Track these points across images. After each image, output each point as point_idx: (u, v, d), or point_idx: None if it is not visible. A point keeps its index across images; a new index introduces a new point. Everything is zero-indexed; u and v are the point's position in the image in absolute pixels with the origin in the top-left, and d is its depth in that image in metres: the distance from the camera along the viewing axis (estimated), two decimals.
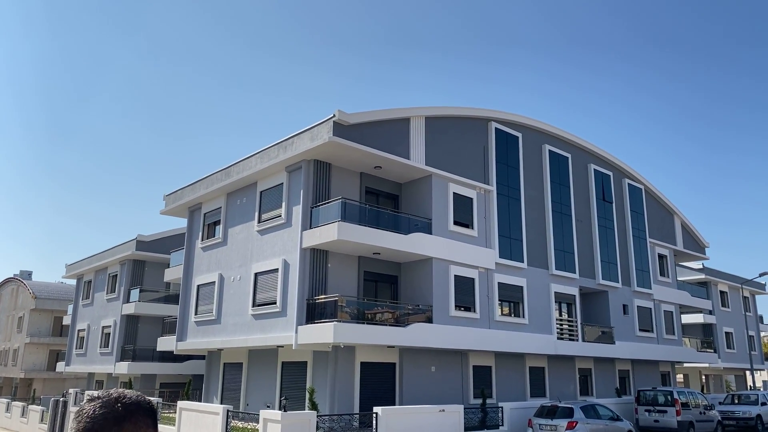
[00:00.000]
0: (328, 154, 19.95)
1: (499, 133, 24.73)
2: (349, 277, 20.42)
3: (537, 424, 18.50)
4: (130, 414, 1.53)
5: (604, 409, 19.81)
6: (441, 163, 21.96)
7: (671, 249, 34.13)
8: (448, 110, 22.90)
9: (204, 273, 24.65)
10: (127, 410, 1.53)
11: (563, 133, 28.11)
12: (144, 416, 1.55)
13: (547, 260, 25.64)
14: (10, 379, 52.98)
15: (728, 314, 44.27)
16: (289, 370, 21.00)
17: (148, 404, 1.59)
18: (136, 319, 33.35)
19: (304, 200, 19.80)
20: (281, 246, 20.45)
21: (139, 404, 1.56)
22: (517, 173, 25.14)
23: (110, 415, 1.50)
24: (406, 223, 20.81)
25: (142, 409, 1.56)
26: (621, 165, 31.54)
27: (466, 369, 22.49)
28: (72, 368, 37.84)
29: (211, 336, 23.18)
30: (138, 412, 1.54)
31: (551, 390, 25.54)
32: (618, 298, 29.14)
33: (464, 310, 21.63)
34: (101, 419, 1.50)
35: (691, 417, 23.14)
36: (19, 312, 53.03)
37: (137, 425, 1.53)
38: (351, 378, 19.26)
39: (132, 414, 1.53)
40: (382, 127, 20.32)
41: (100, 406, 1.52)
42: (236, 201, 23.70)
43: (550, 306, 25.18)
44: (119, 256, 34.13)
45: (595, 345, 26.74)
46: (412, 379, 20.50)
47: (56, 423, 26.45)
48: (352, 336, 17.68)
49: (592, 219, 28.80)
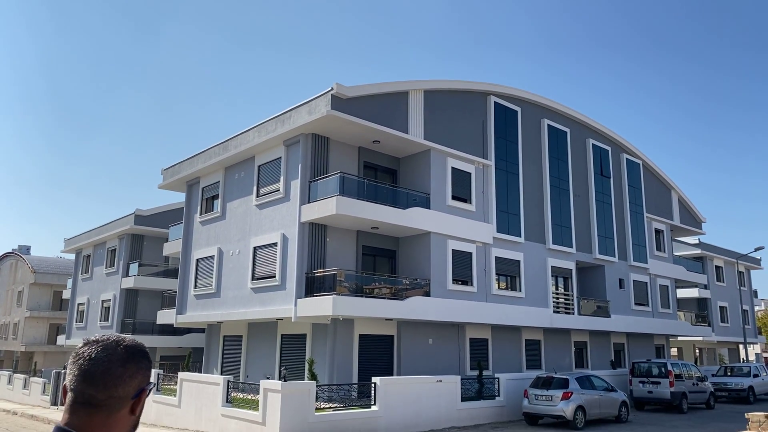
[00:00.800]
0: (326, 128, 19.87)
1: (498, 108, 24.63)
2: (347, 252, 20.53)
3: (533, 395, 18.81)
4: (132, 356, 1.54)
5: (598, 380, 20.12)
6: (439, 138, 21.91)
7: (668, 224, 34.28)
8: (447, 83, 22.76)
9: (203, 247, 24.74)
10: (129, 352, 1.54)
11: (562, 107, 28.00)
12: (143, 359, 1.57)
13: (544, 235, 25.77)
14: (11, 352, 53.43)
15: (723, 288, 44.68)
16: (288, 342, 21.24)
17: (144, 348, 1.62)
18: (135, 292, 33.55)
19: (303, 174, 19.79)
20: (280, 220, 20.50)
21: (138, 347, 1.58)
22: (516, 148, 25.10)
23: (114, 357, 1.51)
24: (404, 198, 20.85)
25: (140, 353, 1.58)
26: (619, 140, 31.49)
27: (463, 341, 22.76)
28: (72, 341, 38.17)
29: (211, 309, 23.37)
30: (138, 355, 1.56)
31: (547, 362, 25.90)
32: (614, 272, 29.36)
33: (461, 283, 21.81)
34: (105, 361, 1.49)
35: (684, 388, 23.54)
36: (19, 286, 53.24)
37: (139, 366, 1.55)
38: (350, 350, 19.50)
39: (134, 356, 1.54)
40: (380, 101, 20.23)
41: (102, 349, 1.52)
42: (234, 175, 23.67)
43: (547, 280, 25.39)
44: (118, 231, 34.18)
45: (590, 318, 27.04)
46: (409, 351, 20.76)
47: (58, 394, 26.81)
48: (350, 309, 17.85)
49: (589, 194, 28.87)
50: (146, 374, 1.57)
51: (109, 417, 1.48)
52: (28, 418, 23.87)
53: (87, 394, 1.47)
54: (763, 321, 67.01)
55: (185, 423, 17.91)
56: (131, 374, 1.51)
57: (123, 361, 1.51)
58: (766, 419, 10.34)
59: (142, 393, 1.53)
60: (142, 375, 1.54)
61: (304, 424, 14.56)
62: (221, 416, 16.43)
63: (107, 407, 1.47)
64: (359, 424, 15.65)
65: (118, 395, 1.48)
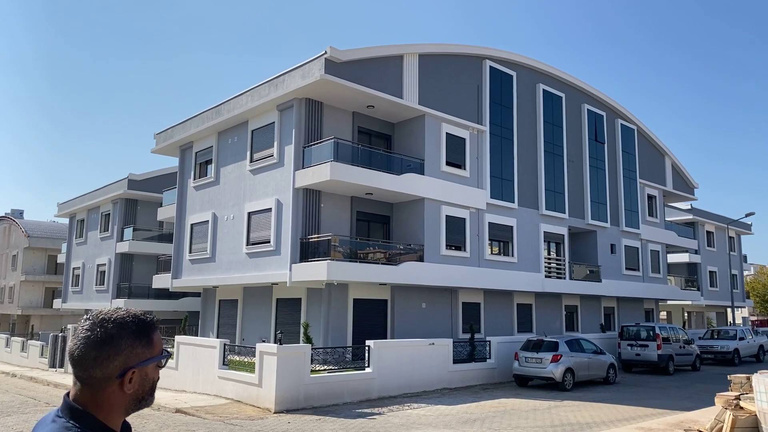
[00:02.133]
0: (319, 93, 19.71)
1: (494, 72, 24.43)
2: (341, 217, 20.62)
3: (523, 357, 19.22)
4: (110, 338, 1.52)
5: (588, 344, 20.55)
6: (434, 103, 21.78)
7: (661, 189, 34.48)
8: (442, 47, 22.50)
9: (197, 212, 24.76)
10: (108, 334, 1.53)
11: (558, 72, 27.78)
12: (128, 338, 1.55)
13: (537, 200, 25.91)
14: (8, 315, 53.82)
15: (713, 254, 45.24)
16: (283, 306, 21.50)
17: (137, 324, 1.58)
18: (130, 257, 33.68)
19: (296, 140, 19.71)
20: (274, 186, 20.51)
21: (124, 326, 1.56)
22: (511, 113, 25.00)
23: (90, 340, 1.52)
24: (398, 164, 20.85)
25: (126, 332, 1.55)
26: (614, 105, 31.38)
27: (456, 305, 23.10)
28: (69, 305, 38.49)
29: (206, 274, 23.55)
30: (120, 336, 1.54)
31: (538, 326, 26.37)
32: (606, 237, 29.66)
33: (455, 249, 22.01)
34: (82, 344, 1.52)
35: (671, 351, 24.08)
36: (13, 250, 53.29)
37: (118, 348, 1.53)
38: (344, 314, 19.79)
39: (112, 338, 1.52)
40: (374, 65, 20.02)
41: (84, 330, 1.54)
42: (228, 140, 23.54)
43: (539, 245, 25.64)
44: (111, 195, 34.10)
45: (582, 283, 27.43)
46: (403, 314, 21.08)
47: (56, 357, 27.17)
48: (345, 274, 18.05)
49: (583, 159, 28.91)
50: (133, 352, 1.54)
51: (96, 393, 1.52)
52: (27, 380, 24.24)
53: (75, 372, 1.53)
54: (751, 285, 68.12)
55: (183, 385, 18.26)
56: (108, 356, 1.51)
57: (99, 344, 1.51)
58: (748, 380, 10.66)
59: (125, 373, 1.52)
60: (125, 355, 1.53)
61: (300, 385, 14.89)
62: (218, 378, 16.76)
63: (90, 385, 1.52)
64: (353, 385, 16.01)
65: (97, 376, 1.51)
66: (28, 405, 16.72)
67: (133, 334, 1.56)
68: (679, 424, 11.45)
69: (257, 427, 12.49)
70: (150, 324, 1.62)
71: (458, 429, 12.29)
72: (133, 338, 1.55)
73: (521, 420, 13.38)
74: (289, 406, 14.58)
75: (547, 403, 15.97)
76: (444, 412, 14.43)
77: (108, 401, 1.53)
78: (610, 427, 12.27)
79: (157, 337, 1.63)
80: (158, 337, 1.63)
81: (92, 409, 1.51)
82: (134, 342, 1.55)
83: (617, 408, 15.12)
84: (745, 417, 9.23)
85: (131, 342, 1.55)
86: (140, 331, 1.57)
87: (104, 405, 1.52)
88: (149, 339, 1.59)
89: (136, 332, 1.56)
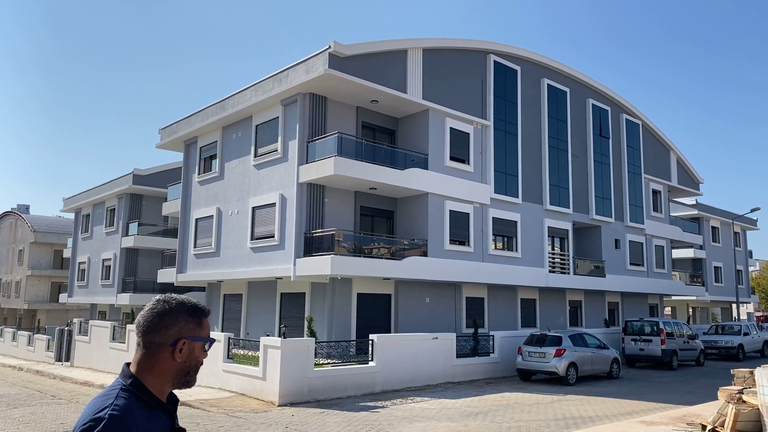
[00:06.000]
0: (323, 88, 19.72)
1: (498, 67, 24.37)
2: (345, 212, 20.65)
3: (526, 352, 19.25)
4: (171, 310, 1.85)
5: (591, 338, 20.55)
6: (438, 98, 21.76)
7: (665, 185, 34.37)
8: (447, 42, 22.47)
9: (202, 207, 24.85)
10: (170, 307, 1.85)
11: (563, 66, 27.70)
12: (184, 313, 1.86)
13: (541, 195, 25.88)
14: (14, 310, 54.17)
15: (718, 249, 45.09)
16: (288, 300, 21.59)
17: (192, 305, 1.90)
18: (135, 252, 33.83)
19: (300, 134, 19.74)
20: (278, 180, 20.55)
21: (183, 304, 1.88)
22: (515, 108, 24.96)
23: (155, 310, 1.85)
24: (402, 158, 20.86)
25: (183, 309, 1.87)
26: (619, 100, 31.27)
27: (460, 300, 23.13)
28: (74, 299, 38.71)
29: (211, 268, 23.65)
30: (178, 310, 1.85)
31: (542, 321, 26.37)
32: (610, 232, 29.61)
33: (459, 244, 22.03)
34: (148, 313, 1.85)
35: (675, 346, 24.06)
36: (19, 245, 53.59)
37: (176, 319, 1.84)
38: (348, 308, 19.86)
39: (172, 311, 1.85)
40: (378, 60, 20.01)
41: (153, 304, 1.87)
42: (232, 135, 23.59)
43: (543, 240, 25.63)
44: (116, 190, 34.23)
45: (586, 278, 27.40)
46: (407, 309, 21.12)
47: (62, 351, 27.35)
48: (349, 268, 18.10)
49: (588, 154, 28.84)
50: (186, 326, 1.84)
51: (150, 357, 1.81)
52: (33, 373, 24.43)
53: (138, 338, 1.83)
54: (756, 281, 67.90)
55: None
56: (166, 324, 1.82)
57: (161, 314, 1.83)
58: (751, 375, 10.66)
59: (179, 341, 1.81)
60: (179, 326, 1.83)
61: (304, 379, 14.96)
62: (223, 372, 16.86)
63: (148, 349, 1.82)
64: (357, 379, 16.08)
65: (155, 341, 1.81)
66: (35, 398, 16.87)
67: (188, 312, 1.87)
68: (682, 418, 11.47)
69: (261, 420, 12.57)
70: (202, 309, 1.91)
71: (461, 422, 12.34)
72: (187, 315, 1.86)
73: (524, 414, 13.42)
74: (293, 399, 14.66)
75: (550, 397, 16.00)
76: (447, 405, 14.49)
77: (158, 365, 1.81)
78: (613, 421, 12.30)
79: (207, 322, 1.92)
80: (207, 323, 1.92)
81: (143, 372, 1.80)
82: (188, 318, 1.86)
83: (620, 402, 15.14)
84: (747, 411, 9.24)
85: (186, 318, 1.86)
86: (194, 312, 1.89)
87: (155, 369, 1.80)
88: (200, 320, 1.89)
89: (191, 311, 1.88)
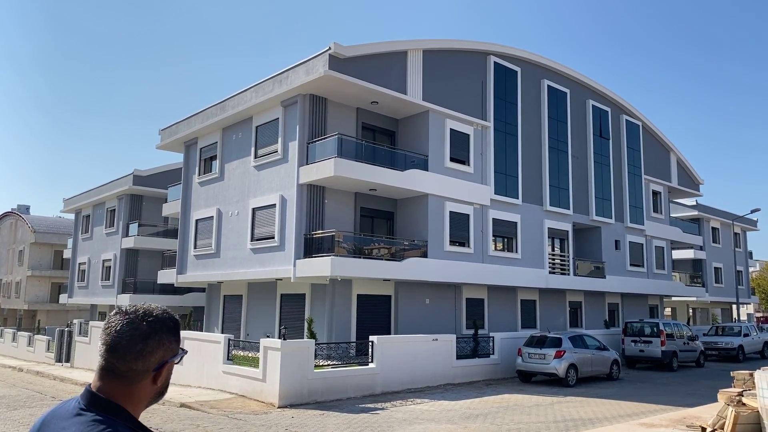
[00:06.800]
0: (323, 89, 19.72)
1: (498, 68, 24.38)
2: (345, 213, 20.66)
3: (526, 353, 19.24)
4: (155, 332, 1.60)
5: (591, 340, 20.55)
6: (438, 99, 21.76)
7: (666, 186, 34.38)
8: (447, 43, 22.47)
9: (202, 208, 24.86)
10: (153, 328, 1.60)
11: (563, 67, 27.71)
12: (167, 333, 1.63)
13: (541, 196, 25.88)
14: (14, 310, 54.19)
15: (718, 250, 45.07)
16: (288, 301, 21.59)
17: (172, 321, 1.67)
18: (135, 252, 33.84)
19: (300, 135, 19.74)
20: (278, 182, 20.56)
21: (164, 322, 1.64)
22: (515, 109, 24.96)
23: (136, 332, 1.58)
24: (402, 160, 20.86)
25: (165, 327, 1.63)
26: (619, 101, 31.27)
27: (460, 301, 23.13)
28: (74, 300, 38.71)
29: (211, 269, 23.65)
30: (162, 330, 1.62)
31: (542, 322, 26.37)
32: (610, 233, 29.61)
33: (459, 245, 22.03)
34: (127, 336, 1.57)
35: (675, 347, 24.06)
36: (19, 246, 53.61)
37: (161, 341, 1.60)
38: (348, 309, 19.86)
39: (156, 332, 1.60)
40: (379, 61, 20.02)
41: (128, 323, 1.59)
42: (232, 136, 23.60)
43: (543, 241, 25.63)
44: (117, 191, 34.24)
45: (586, 279, 27.40)
46: (406, 310, 21.12)
47: (62, 352, 27.36)
48: (349, 270, 18.10)
49: (588, 155, 28.85)
50: (170, 347, 1.63)
51: (131, 386, 1.57)
52: (34, 374, 24.43)
53: (111, 363, 1.56)
54: (756, 282, 67.88)
55: (188, 379, 18.36)
56: (151, 350, 1.58)
57: (145, 336, 1.58)
58: (751, 377, 10.66)
59: (163, 366, 1.61)
60: (164, 349, 1.61)
61: (304, 380, 14.96)
62: (222, 373, 16.85)
63: (128, 378, 1.57)
64: (357, 380, 16.08)
65: (138, 368, 1.57)
66: (35, 399, 16.87)
67: (170, 330, 1.64)
68: (682, 420, 11.47)
69: (261, 422, 12.57)
70: (178, 322, 1.70)
71: (461, 424, 12.34)
72: (169, 333, 1.64)
73: (524, 415, 13.42)
74: (293, 400, 14.66)
75: (550, 398, 16.00)
76: (447, 407, 14.49)
77: (139, 394, 1.58)
78: (612, 423, 12.30)
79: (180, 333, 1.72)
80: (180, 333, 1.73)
81: (122, 401, 1.55)
82: (171, 338, 1.64)
83: (620, 404, 15.14)
84: (747, 413, 9.24)
85: (168, 337, 1.63)
86: (175, 328, 1.67)
87: (134, 397, 1.58)
88: (179, 336, 1.68)
89: (172, 329, 1.65)
